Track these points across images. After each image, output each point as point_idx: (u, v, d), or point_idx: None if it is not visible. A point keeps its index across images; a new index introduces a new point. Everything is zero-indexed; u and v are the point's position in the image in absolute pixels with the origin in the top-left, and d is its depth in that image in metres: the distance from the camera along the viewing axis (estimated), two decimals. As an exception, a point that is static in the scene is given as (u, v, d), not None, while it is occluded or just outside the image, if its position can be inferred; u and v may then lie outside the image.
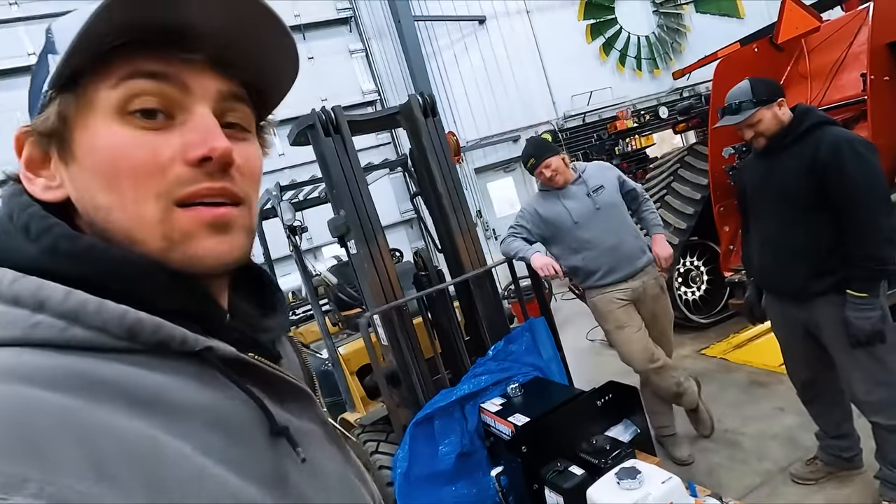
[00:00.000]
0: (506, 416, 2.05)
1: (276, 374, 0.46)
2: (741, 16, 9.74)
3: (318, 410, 0.51)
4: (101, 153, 0.38)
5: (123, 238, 0.39)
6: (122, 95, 0.38)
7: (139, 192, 0.38)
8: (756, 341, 3.75)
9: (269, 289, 0.55)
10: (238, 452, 0.37)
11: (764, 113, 1.83)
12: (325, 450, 0.49)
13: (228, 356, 0.41)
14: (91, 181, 0.39)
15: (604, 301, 2.51)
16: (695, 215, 3.92)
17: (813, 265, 1.82)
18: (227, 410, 0.39)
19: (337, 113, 2.27)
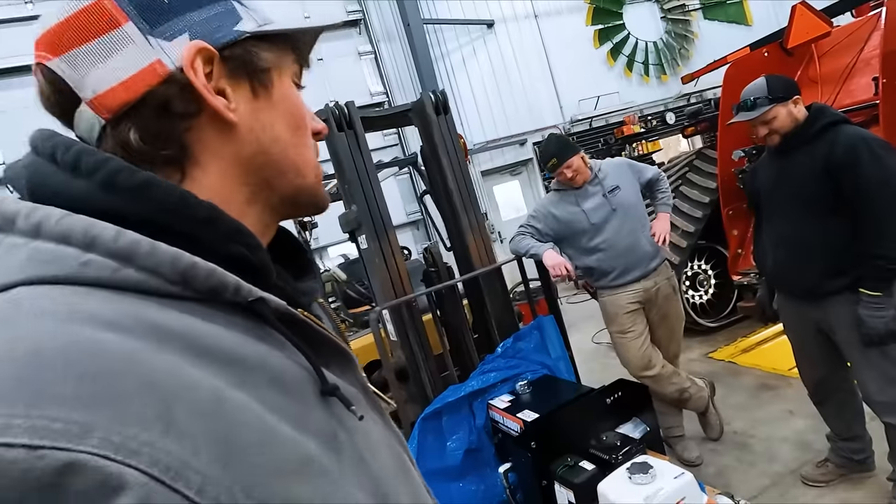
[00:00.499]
0: (515, 412, 2.04)
1: (323, 334, 0.45)
2: (749, 23, 9.76)
3: (358, 374, 0.50)
4: (292, 104, 0.48)
5: (290, 168, 0.47)
6: (297, 70, 0.50)
7: (308, 143, 0.49)
8: (764, 345, 3.73)
9: (301, 252, 0.55)
10: (298, 410, 0.36)
11: (779, 110, 1.83)
12: (368, 414, 0.48)
13: (280, 310, 0.40)
14: (279, 120, 0.46)
15: (613, 304, 2.51)
16: (703, 219, 3.91)
17: (826, 264, 1.81)
18: (281, 366, 0.38)
19: (350, 109, 2.29)
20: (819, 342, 1.98)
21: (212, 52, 0.42)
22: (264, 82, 0.45)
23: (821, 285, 1.84)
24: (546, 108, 8.35)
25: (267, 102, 0.46)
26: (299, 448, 0.34)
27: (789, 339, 2.13)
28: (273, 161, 0.46)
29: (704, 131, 4.74)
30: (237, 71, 0.44)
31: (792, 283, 1.98)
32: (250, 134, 0.44)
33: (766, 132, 1.88)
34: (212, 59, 0.42)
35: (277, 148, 0.46)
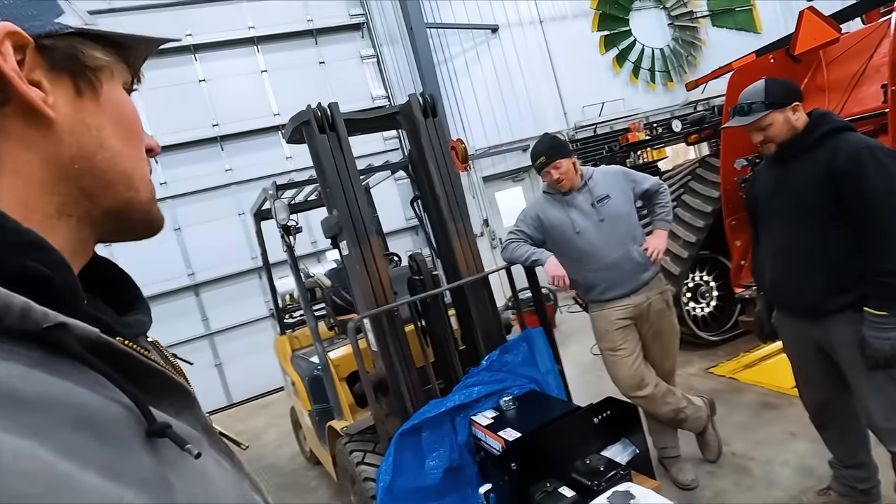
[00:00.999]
0: (497, 430, 1.95)
1: (152, 366, 0.38)
2: (758, 30, 9.63)
3: (200, 415, 0.44)
4: (125, 111, 0.45)
5: (120, 179, 0.43)
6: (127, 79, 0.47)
7: (142, 154, 0.47)
8: (767, 361, 3.59)
9: (125, 284, 0.49)
10: (111, 456, 0.31)
11: (775, 116, 1.73)
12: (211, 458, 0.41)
13: (91, 338, 0.34)
14: (108, 125, 0.43)
15: (603, 319, 2.40)
16: (705, 228, 3.80)
17: (828, 280, 1.70)
18: (90, 405, 0.32)
19: (333, 110, 2.22)
20: (820, 363, 1.87)
21: (24, 38, 0.37)
22: (91, 81, 0.42)
23: (822, 303, 1.73)
24: (550, 113, 8.26)
25: (94, 104, 0.42)
26: (110, 496, 0.28)
27: (789, 359, 2.01)
28: (97, 169, 0.42)
29: (708, 139, 4.64)
30: (58, 65, 0.40)
31: (791, 299, 1.86)
32: (71, 136, 0.40)
33: (762, 139, 1.78)
34: (24, 46, 0.38)
35: (104, 155, 0.42)
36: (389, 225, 6.08)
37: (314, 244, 6.71)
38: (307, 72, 6.99)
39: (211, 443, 0.43)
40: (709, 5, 9.47)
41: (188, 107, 6.47)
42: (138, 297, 0.49)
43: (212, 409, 6.34)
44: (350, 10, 7.27)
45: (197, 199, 6.52)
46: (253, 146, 6.73)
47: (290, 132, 2.30)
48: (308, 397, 3.03)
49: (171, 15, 6.43)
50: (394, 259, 3.64)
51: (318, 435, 3.03)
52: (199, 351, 6.47)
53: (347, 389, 2.60)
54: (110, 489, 0.29)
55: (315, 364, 2.94)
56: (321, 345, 2.69)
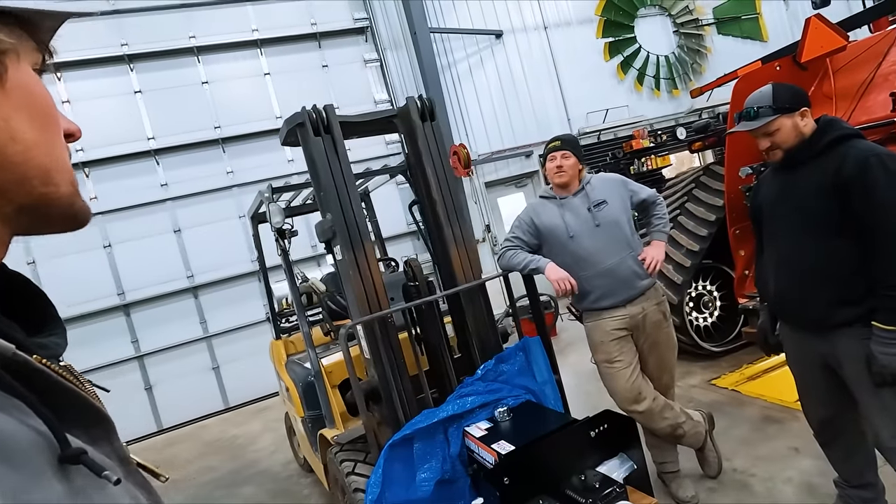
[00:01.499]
0: (490, 442, 1.89)
1: (70, 388, 0.36)
2: (764, 39, 9.59)
3: (116, 444, 0.41)
4: (36, 96, 0.41)
5: (35, 173, 0.39)
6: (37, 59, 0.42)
7: (60, 142, 0.42)
8: (771, 373, 3.52)
9: (38, 302, 0.45)
10: (18, 482, 0.29)
11: (783, 121, 1.68)
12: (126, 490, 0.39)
13: (4, 354, 0.32)
14: (18, 114, 0.39)
15: (597, 330, 2.34)
16: (708, 237, 3.74)
17: (834, 292, 1.64)
18: (2, 429, 0.31)
19: (328, 111, 2.18)
20: (825, 378, 1.80)
21: None
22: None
23: (827, 316, 1.67)
24: (553, 120, 8.23)
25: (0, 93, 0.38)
26: None
27: (792, 373, 1.95)
28: (9, 164, 0.38)
29: (712, 146, 4.59)
30: None
31: (795, 311, 1.80)
32: None
33: (768, 145, 1.73)
34: None
35: (16, 148, 0.38)
36: (390, 230, 6.04)
37: (314, 248, 6.68)
38: (310, 75, 6.99)
39: (127, 474, 0.41)
40: (714, 13, 9.44)
41: (190, 109, 6.47)
42: (53, 317, 0.44)
43: (207, 414, 6.30)
44: (354, 14, 7.28)
45: (197, 200, 6.50)
46: (255, 149, 6.72)
47: (285, 134, 2.26)
48: (301, 403, 2.98)
49: (176, 17, 6.44)
50: (391, 264, 3.59)
51: (310, 442, 2.98)
52: (197, 353, 6.43)
53: (340, 397, 2.54)
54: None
55: (309, 370, 2.89)
56: (314, 350, 2.64)
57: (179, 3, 6.46)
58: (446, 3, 7.70)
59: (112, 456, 0.40)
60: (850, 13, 4.17)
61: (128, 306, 6.17)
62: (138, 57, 6.27)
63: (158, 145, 6.31)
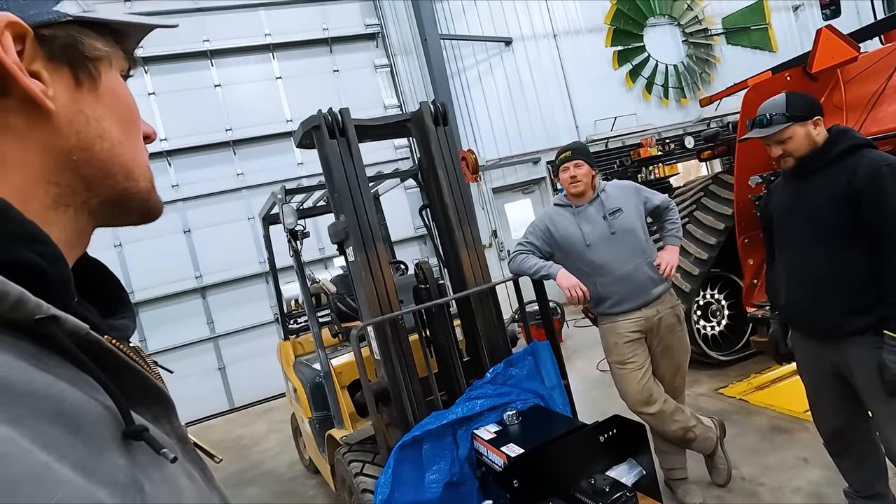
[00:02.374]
0: (499, 445, 1.90)
1: (136, 369, 0.39)
2: (774, 49, 9.59)
3: (176, 423, 0.43)
4: (123, 100, 0.44)
5: (119, 169, 0.43)
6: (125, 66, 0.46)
7: (140, 143, 0.46)
8: (779, 383, 3.50)
9: (112, 286, 0.48)
10: (86, 452, 0.31)
11: (796, 129, 1.69)
12: (184, 468, 0.41)
13: (80, 333, 0.34)
14: (108, 115, 0.42)
15: (612, 332, 2.36)
16: (717, 246, 3.74)
17: (846, 301, 1.65)
18: (70, 400, 0.32)
19: (344, 115, 2.21)
20: (837, 387, 1.80)
21: (24, 28, 0.37)
22: (90, 72, 0.42)
23: (839, 325, 1.67)
24: (561, 127, 8.25)
25: (92, 94, 0.42)
26: (83, 493, 0.28)
27: (803, 382, 1.95)
28: (97, 160, 0.42)
29: (721, 155, 4.58)
30: (57, 55, 0.39)
31: (807, 320, 1.80)
32: (70, 127, 0.40)
33: (780, 153, 1.73)
34: (24, 36, 0.37)
35: (104, 145, 0.42)
36: (398, 234, 6.07)
37: (322, 250, 6.72)
38: (321, 79, 7.06)
39: (184, 453, 0.43)
40: (724, 23, 9.46)
41: (203, 111, 6.55)
42: (125, 301, 0.48)
43: (213, 413, 6.33)
44: (365, 20, 7.35)
45: (208, 202, 6.56)
46: (265, 151, 6.78)
47: (301, 136, 2.30)
48: (309, 404, 2.99)
49: (190, 21, 6.53)
50: (400, 267, 3.61)
51: (317, 443, 2.99)
52: (204, 354, 6.47)
53: (349, 398, 2.56)
54: (85, 485, 0.29)
55: (317, 371, 2.91)
56: (324, 351, 2.66)
57: (194, 7, 6.55)
58: (457, 9, 7.76)
59: (171, 434, 0.42)
60: (861, 25, 4.18)
61: (136, 305, 6.22)
62: (153, 59, 6.36)
63: (170, 146, 6.39)
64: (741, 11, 9.48)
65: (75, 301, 0.38)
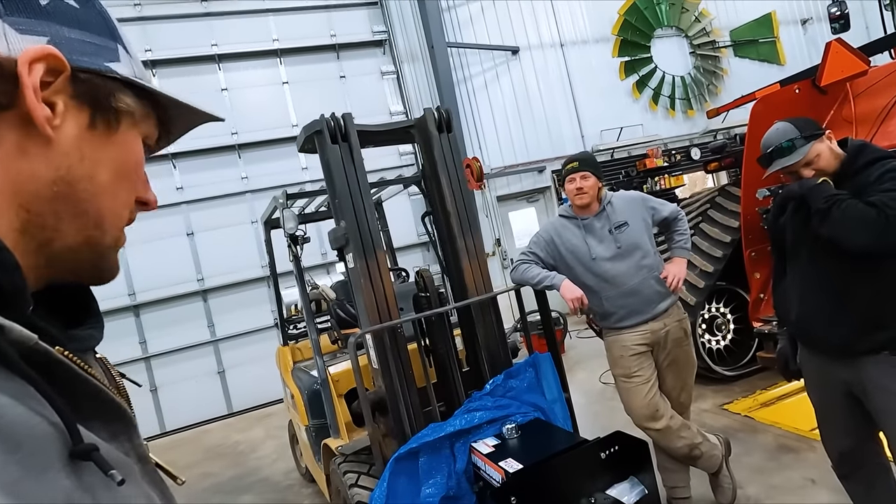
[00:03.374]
0: (497, 459, 1.85)
1: (91, 383, 0.37)
2: (782, 62, 9.57)
3: (137, 441, 0.41)
4: (130, 158, 0.45)
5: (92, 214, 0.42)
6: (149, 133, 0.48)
7: (127, 201, 0.46)
8: (785, 400, 3.43)
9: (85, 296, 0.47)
10: (20, 473, 0.29)
11: (820, 147, 1.65)
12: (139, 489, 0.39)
13: (26, 343, 0.32)
14: (107, 164, 0.43)
15: (618, 345, 2.32)
16: (723, 258, 3.69)
17: (862, 318, 1.60)
18: (12, 416, 0.30)
19: (346, 120, 2.19)
20: (848, 407, 1.74)
21: (63, 64, 0.39)
22: (108, 120, 0.43)
23: (854, 342, 1.62)
24: (567, 136, 8.24)
25: (102, 139, 0.43)
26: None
27: (812, 401, 1.89)
28: (75, 197, 0.41)
29: (728, 167, 4.54)
30: (83, 96, 0.41)
31: (819, 337, 1.74)
32: (64, 158, 0.40)
33: (812, 174, 1.66)
34: (59, 72, 0.39)
35: (87, 187, 0.42)
36: (400, 240, 6.04)
37: (324, 255, 6.70)
38: (328, 85, 7.08)
39: (143, 473, 0.41)
40: (731, 35, 9.46)
41: (209, 114, 6.57)
42: (93, 311, 0.47)
43: (211, 418, 6.29)
44: (373, 27, 7.38)
45: (211, 205, 6.57)
46: (270, 155, 6.79)
47: (303, 140, 2.27)
48: (306, 412, 2.95)
49: (199, 25, 6.59)
50: (401, 274, 3.58)
51: (313, 452, 2.95)
52: (204, 357, 6.44)
53: (346, 407, 2.51)
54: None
55: (315, 378, 2.87)
56: (321, 358, 2.62)
57: (203, 12, 6.60)
58: (464, 18, 7.79)
59: (131, 453, 0.40)
60: (870, 39, 4.15)
61: (138, 307, 6.21)
62: (161, 62, 6.40)
63: (175, 149, 6.40)
64: (749, 24, 9.47)
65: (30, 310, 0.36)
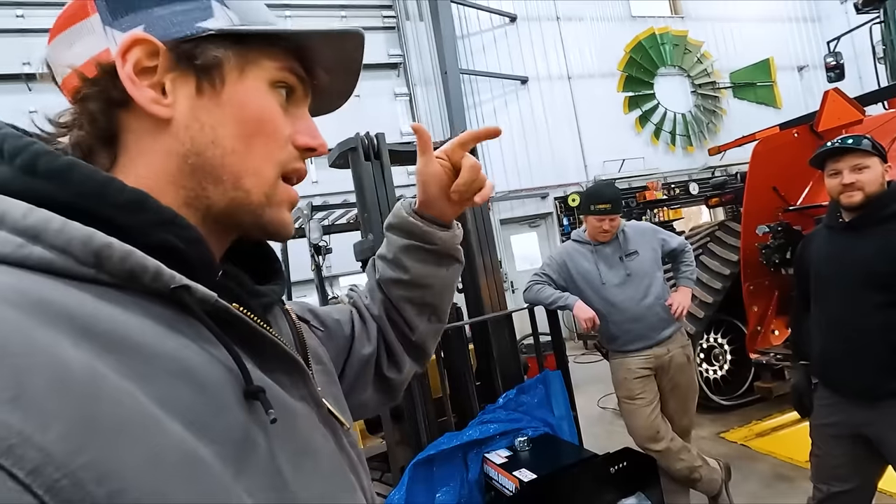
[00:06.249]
0: (511, 469, 1.92)
1: (266, 336, 0.42)
2: (778, 106, 9.92)
3: (311, 388, 0.46)
4: (252, 108, 0.43)
5: (229, 178, 0.43)
6: (279, 77, 0.45)
7: (266, 154, 0.44)
8: (781, 431, 3.52)
9: (268, 258, 0.52)
10: (203, 409, 0.33)
11: (876, 162, 1.59)
12: (314, 429, 0.44)
13: (208, 301, 0.37)
14: (226, 123, 0.42)
15: (622, 368, 2.41)
16: (722, 291, 3.81)
17: (889, 360, 1.57)
18: (197, 362, 0.35)
19: (379, 140, 2.33)
20: (853, 448, 1.71)
21: (154, 44, 0.40)
22: (212, 79, 0.42)
23: (879, 384, 1.58)
24: (571, 165, 8.46)
25: (213, 101, 0.42)
26: (184, 446, 0.31)
27: (812, 435, 1.87)
28: (209, 164, 0.42)
29: (728, 203, 4.71)
30: (183, 65, 0.42)
31: (841, 376, 1.72)
32: (185, 132, 0.42)
33: (853, 181, 1.59)
34: (156, 52, 0.41)
35: (215, 151, 0.42)
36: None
37: (329, 268, 6.77)
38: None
39: (319, 416, 0.46)
40: (731, 77, 9.82)
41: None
42: (276, 270, 0.53)
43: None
44: (389, 51, 7.63)
45: (221, 213, 6.66)
46: (281, 168, 6.92)
47: (336, 156, 2.40)
48: (315, 419, 3.00)
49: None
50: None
51: (320, 459, 2.98)
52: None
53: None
54: (187, 440, 0.31)
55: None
56: (337, 366, 2.70)
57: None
58: (477, 47, 8.07)
59: (308, 398, 0.45)
60: (863, 89, 4.38)
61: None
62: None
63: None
64: (748, 68, 9.85)
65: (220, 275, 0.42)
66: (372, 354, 0.71)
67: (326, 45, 0.47)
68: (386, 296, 0.73)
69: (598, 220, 2.38)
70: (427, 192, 0.68)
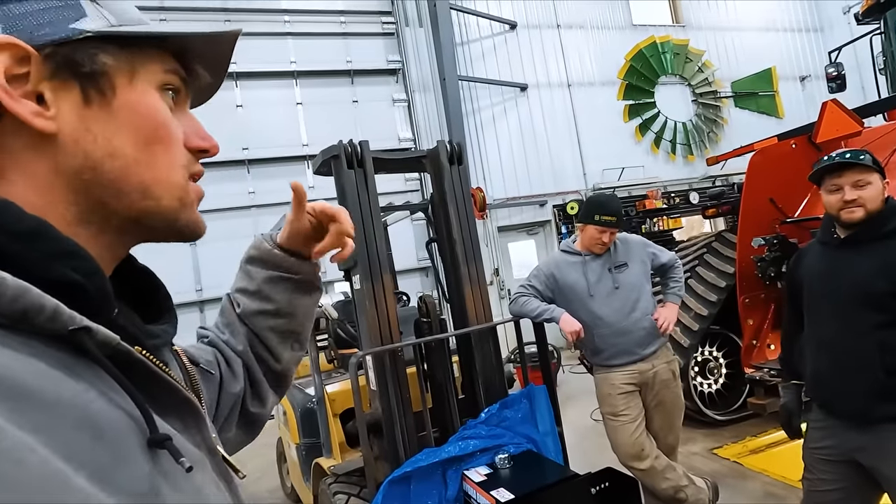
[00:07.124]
0: (489, 488, 1.87)
1: (165, 379, 0.39)
2: (780, 116, 9.87)
3: (205, 434, 0.44)
4: (146, 115, 0.42)
5: (134, 188, 0.41)
6: (166, 80, 0.44)
7: (170, 160, 0.43)
8: (774, 449, 3.44)
9: (157, 292, 0.50)
10: (106, 461, 0.31)
11: (877, 178, 1.55)
12: (209, 478, 0.42)
13: (109, 343, 0.35)
14: (122, 133, 0.40)
15: (606, 383, 2.37)
16: (718, 303, 3.76)
17: (883, 383, 1.52)
18: (97, 409, 0.33)
19: (363, 147, 2.29)
20: (846, 473, 1.65)
21: (24, 49, 0.36)
22: (100, 88, 0.39)
23: (872, 408, 1.53)
24: (570, 173, 8.42)
25: (104, 111, 0.40)
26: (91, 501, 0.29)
27: (805, 456, 1.80)
28: (107, 179, 0.40)
29: (726, 213, 4.66)
30: (62, 73, 0.38)
31: (834, 398, 1.66)
32: (76, 146, 0.39)
33: (854, 198, 1.54)
34: (27, 58, 0.37)
35: (114, 164, 0.40)
36: (401, 264, 6.10)
37: (323, 273, 6.73)
38: (340, 108, 7.28)
39: (213, 464, 0.44)
40: (732, 87, 9.78)
41: (222, 128, 6.70)
42: (169, 307, 0.49)
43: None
44: (388, 56, 7.63)
45: (217, 216, 6.63)
46: (278, 173, 6.91)
47: (319, 164, 2.36)
48: (298, 430, 2.95)
49: (221, 43, 6.79)
50: (402, 298, 3.63)
51: (302, 470, 2.93)
52: (195, 368, 6.40)
53: (340, 426, 2.53)
54: (95, 494, 0.29)
55: (310, 396, 2.89)
56: (319, 376, 2.65)
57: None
58: (476, 53, 8.06)
59: (201, 445, 0.43)
60: (865, 100, 4.33)
61: (133, 314, 6.20)
62: (180, 76, 6.58)
63: (187, 160, 6.52)
64: (750, 77, 9.82)
65: (116, 312, 0.39)
66: (240, 392, 0.71)
67: (206, 44, 0.47)
68: (249, 328, 0.73)
69: (600, 231, 2.34)
70: (292, 237, 0.72)
